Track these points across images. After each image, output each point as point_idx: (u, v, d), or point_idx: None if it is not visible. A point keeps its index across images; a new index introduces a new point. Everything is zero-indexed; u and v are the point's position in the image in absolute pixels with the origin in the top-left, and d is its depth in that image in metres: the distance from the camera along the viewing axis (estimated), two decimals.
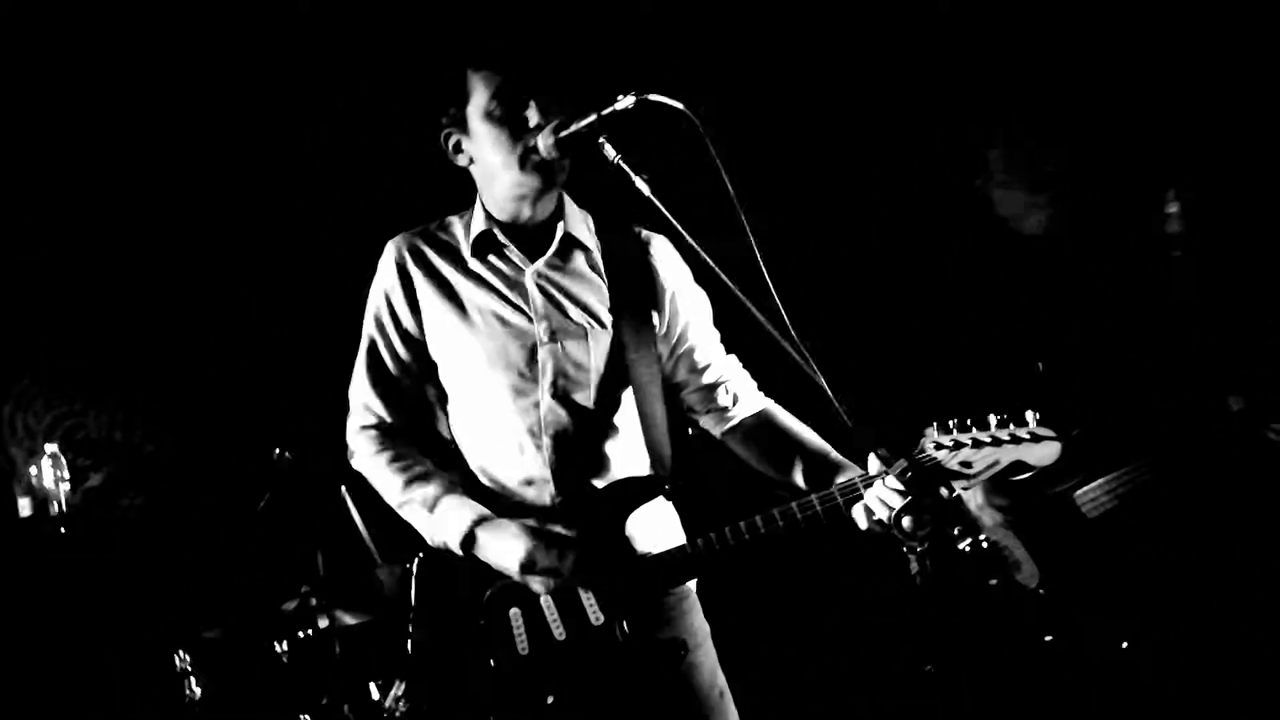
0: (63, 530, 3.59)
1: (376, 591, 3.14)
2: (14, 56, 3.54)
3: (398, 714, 2.92)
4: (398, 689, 2.99)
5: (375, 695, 2.99)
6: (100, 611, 3.45)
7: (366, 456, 1.93)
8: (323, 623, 2.97)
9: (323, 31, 3.55)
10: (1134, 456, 2.46)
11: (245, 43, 3.58)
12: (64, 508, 3.64)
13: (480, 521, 1.80)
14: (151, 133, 3.74)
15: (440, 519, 1.82)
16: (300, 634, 3.01)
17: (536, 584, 1.78)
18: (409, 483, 1.87)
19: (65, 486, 3.70)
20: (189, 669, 2.97)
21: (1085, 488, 2.37)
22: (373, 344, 1.96)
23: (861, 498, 1.69)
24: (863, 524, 1.70)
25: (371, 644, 3.05)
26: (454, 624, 1.81)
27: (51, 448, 3.72)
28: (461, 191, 2.04)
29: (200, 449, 3.93)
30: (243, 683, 3.15)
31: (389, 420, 1.94)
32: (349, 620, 3.03)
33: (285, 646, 3.03)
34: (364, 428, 1.95)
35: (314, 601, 3.02)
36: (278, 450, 3.38)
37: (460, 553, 1.81)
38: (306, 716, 2.96)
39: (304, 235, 3.84)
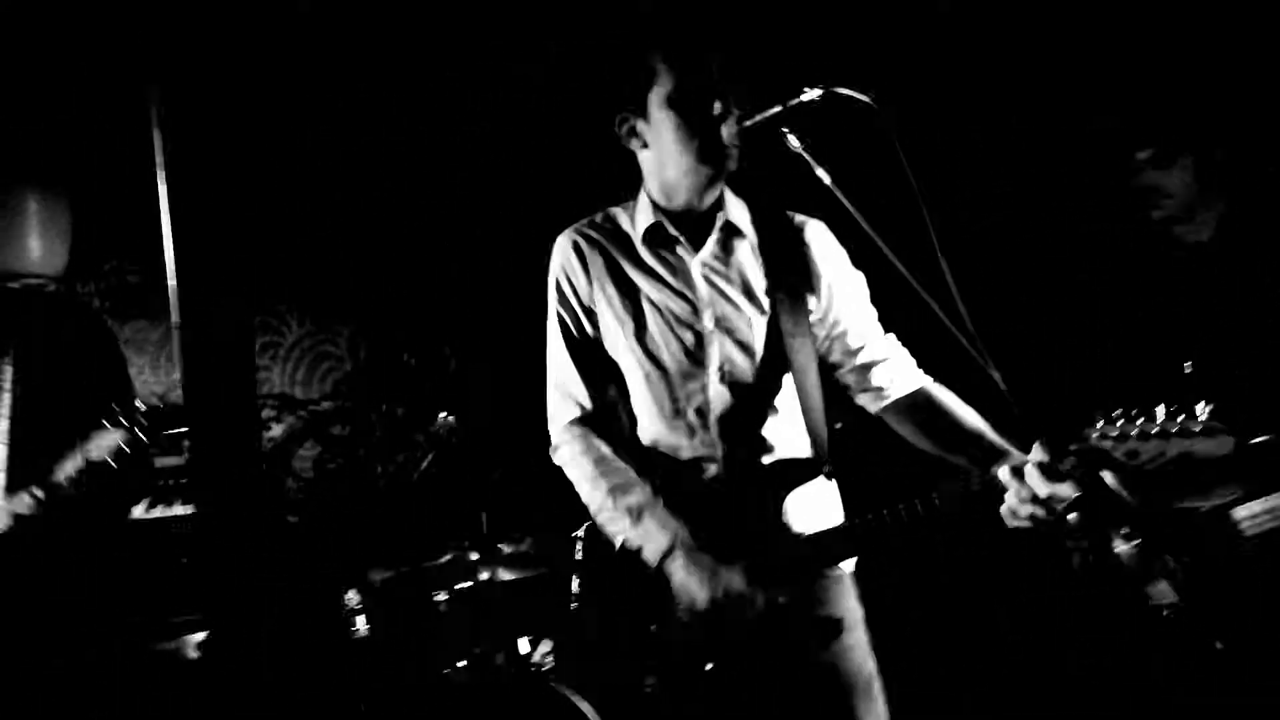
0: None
1: (528, 553, 3.31)
2: None
3: (545, 669, 3.09)
4: (546, 646, 3.16)
5: (525, 649, 3.16)
6: (280, 550, 3.74)
7: (571, 455, 2.01)
8: (482, 576, 3.15)
9: (497, 18, 3.70)
10: None
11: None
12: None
13: (680, 546, 1.86)
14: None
15: (642, 531, 1.89)
16: (458, 586, 3.20)
17: (706, 624, 1.82)
18: (613, 490, 1.93)
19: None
20: (359, 608, 3.20)
21: (1247, 504, 2.28)
22: (563, 324, 2.05)
23: (1012, 490, 1.68)
24: (1010, 523, 1.69)
25: (525, 600, 3.21)
26: (618, 590, 1.92)
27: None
28: (615, 184, 2.15)
29: (371, 410, 4.21)
30: (404, 627, 3.37)
31: (590, 407, 2.02)
32: (505, 576, 3.20)
33: (444, 596, 3.23)
34: (570, 423, 2.03)
35: (473, 557, 3.21)
36: (443, 415, 3.59)
37: (653, 567, 1.87)
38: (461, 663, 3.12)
39: (473, 213, 4.05)
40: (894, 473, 2.13)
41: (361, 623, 3.17)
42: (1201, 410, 1.53)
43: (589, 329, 2.03)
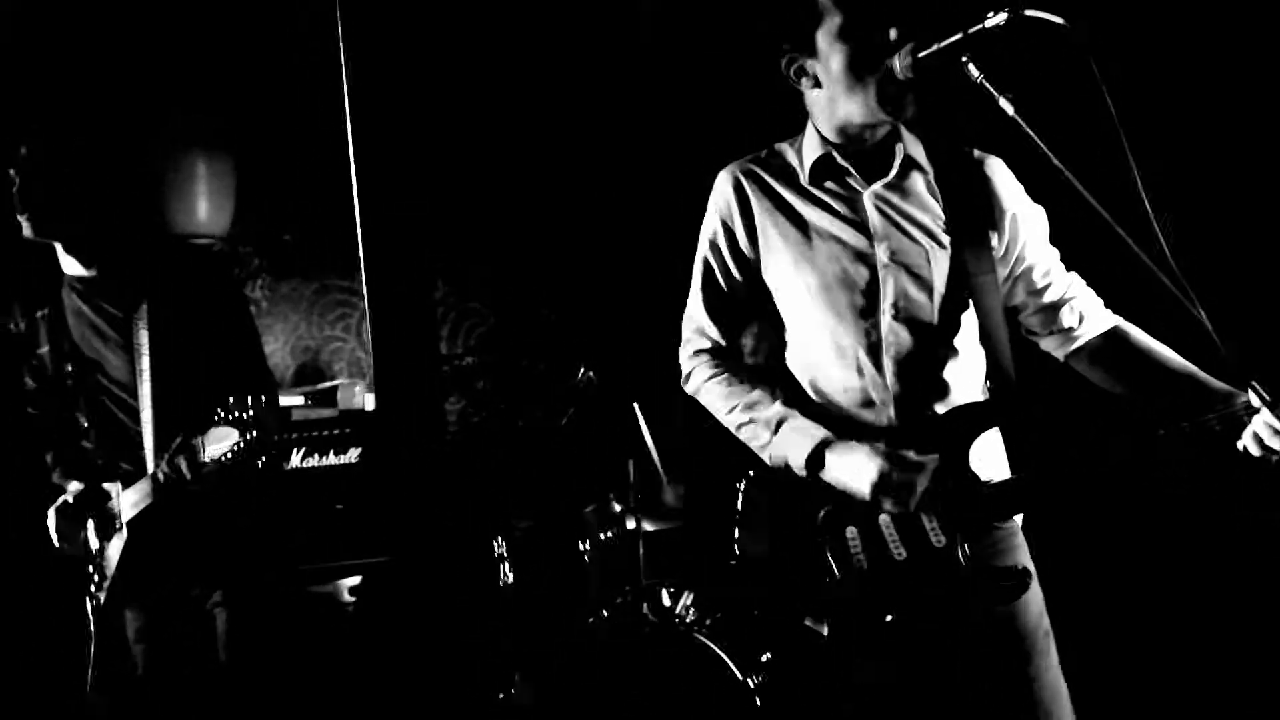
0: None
1: (663, 507, 3.32)
2: None
3: (688, 620, 3.10)
4: (687, 598, 3.16)
5: (666, 601, 3.18)
6: (430, 501, 3.86)
7: (702, 380, 2.02)
8: (630, 525, 3.18)
9: None
10: None
11: None
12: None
13: (828, 443, 1.84)
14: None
15: (784, 439, 1.87)
16: (603, 535, 3.24)
17: (888, 504, 1.80)
18: (750, 405, 1.94)
19: None
20: (505, 555, 3.28)
21: None
22: (708, 267, 2.03)
23: (1246, 425, 1.59)
24: (1256, 451, 1.60)
25: (671, 551, 3.23)
26: (786, 540, 1.87)
27: None
28: (781, 123, 2.09)
29: (514, 364, 4.30)
30: (551, 575, 3.44)
31: (723, 344, 2.03)
32: (650, 527, 3.22)
33: (588, 546, 3.27)
34: (698, 352, 2.04)
35: (617, 508, 3.25)
36: (583, 369, 3.61)
37: (804, 472, 1.85)
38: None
39: (619, 163, 4.05)
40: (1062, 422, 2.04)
41: (507, 570, 3.25)
42: None
43: (738, 278, 2.00)
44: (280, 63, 4.18)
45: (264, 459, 2.37)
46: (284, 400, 3.85)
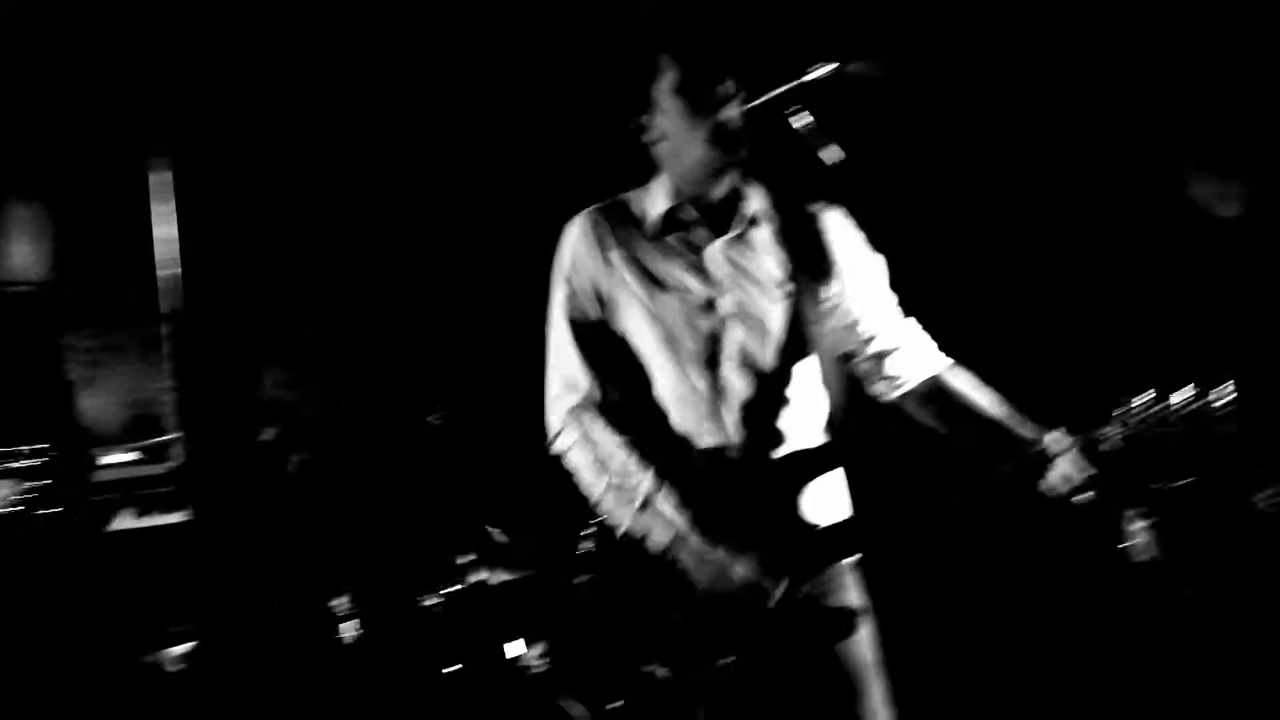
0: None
1: (514, 557, 3.27)
2: None
3: (539, 671, 3.03)
4: (540, 648, 3.10)
5: (520, 651, 3.11)
6: (269, 556, 3.67)
7: (572, 442, 1.98)
8: (478, 577, 3.10)
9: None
10: None
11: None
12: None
13: (686, 535, 1.84)
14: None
15: (649, 519, 1.86)
16: (454, 588, 3.15)
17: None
18: (616, 477, 1.91)
19: None
20: (349, 612, 3.14)
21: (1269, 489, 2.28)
22: (570, 314, 2.01)
23: (1052, 468, 1.70)
24: (1057, 491, 1.71)
25: (521, 602, 3.16)
26: (629, 581, 1.88)
27: None
28: (632, 174, 2.13)
29: (356, 412, 4.15)
30: (396, 631, 3.31)
31: (593, 393, 1.98)
32: (501, 577, 3.15)
33: (439, 599, 3.17)
34: (571, 409, 1.99)
35: (468, 558, 3.17)
36: (433, 414, 3.54)
37: (656, 554, 1.85)
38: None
39: (465, 210, 4.02)
40: (905, 463, 2.11)
41: (351, 627, 3.11)
42: (1220, 392, 1.54)
43: (594, 313, 1.99)
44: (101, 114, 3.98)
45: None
46: (111, 457, 3.61)
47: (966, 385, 1.97)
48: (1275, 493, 2.32)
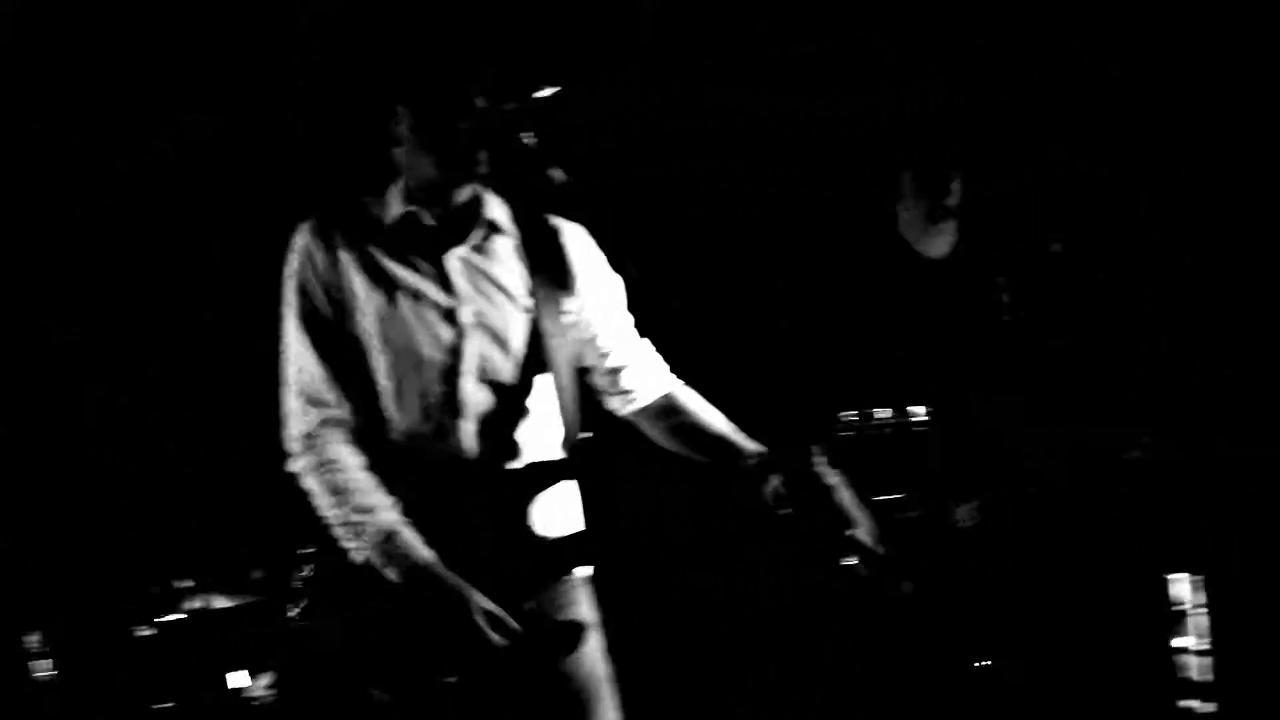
0: None
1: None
2: None
3: (266, 702, 2.87)
4: (267, 678, 2.93)
5: (239, 683, 2.92)
6: None
7: (311, 465, 1.85)
8: (193, 605, 2.89)
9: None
10: (1012, 478, 2.63)
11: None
12: None
13: (427, 567, 1.77)
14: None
15: (389, 551, 1.77)
16: (165, 618, 2.91)
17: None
18: (358, 508, 1.80)
19: None
20: (42, 649, 2.84)
21: (963, 505, 2.52)
22: (305, 324, 1.89)
23: (767, 482, 1.81)
24: (770, 500, 1.81)
25: (242, 630, 2.97)
26: (353, 606, 1.81)
27: None
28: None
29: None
30: (101, 667, 3.02)
31: (334, 408, 1.87)
32: (220, 604, 2.95)
33: (148, 630, 2.93)
34: (309, 430, 1.86)
35: (184, 584, 2.94)
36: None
37: (397, 586, 1.77)
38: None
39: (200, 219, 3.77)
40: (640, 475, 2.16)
41: (47, 666, 2.81)
42: (919, 412, 1.69)
43: (331, 320, 1.89)
44: None
45: None
46: None
47: (695, 404, 2.05)
48: (973, 509, 2.57)
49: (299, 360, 1.90)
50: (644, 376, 2.08)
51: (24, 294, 3.73)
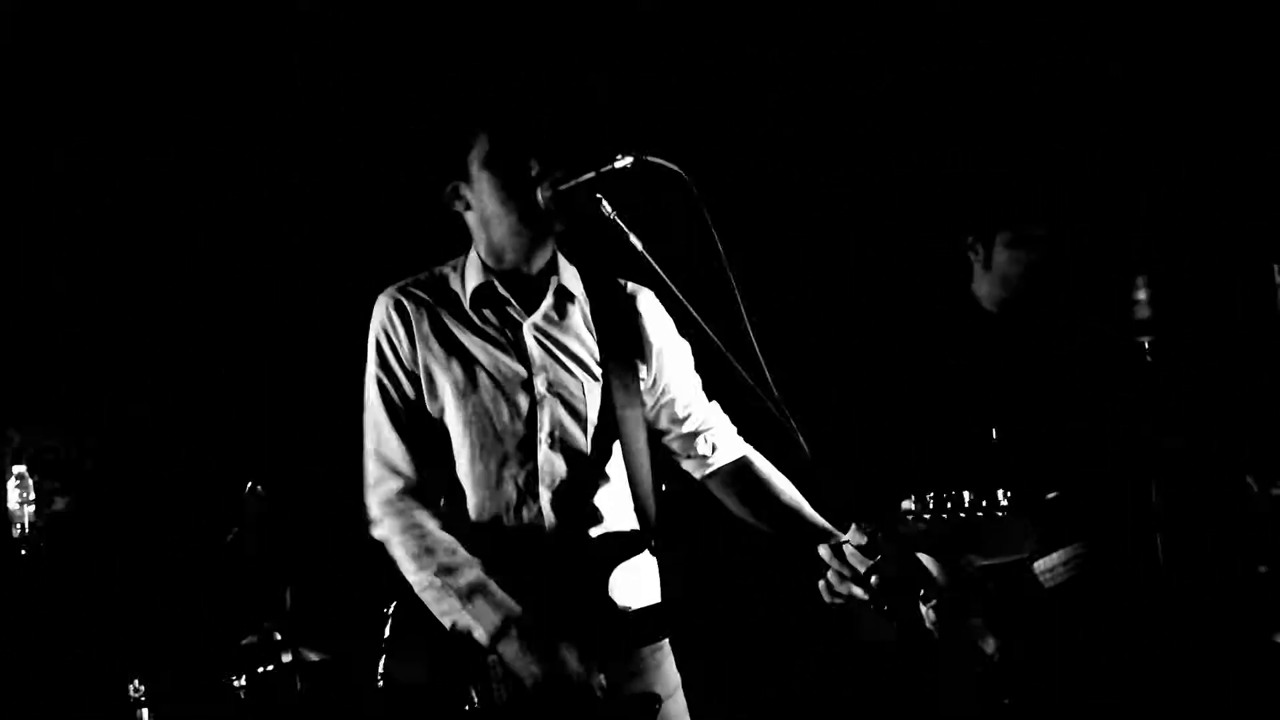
0: (24, 552, 3.55)
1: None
2: None
3: None
4: None
5: None
6: (57, 636, 3.39)
7: (394, 530, 1.90)
8: (285, 658, 2.95)
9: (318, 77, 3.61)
10: (1093, 532, 2.53)
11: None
12: (27, 530, 3.60)
13: (513, 626, 1.79)
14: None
15: (475, 611, 1.80)
16: (260, 669, 2.98)
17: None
18: (441, 569, 1.84)
19: (30, 509, 3.66)
20: (143, 699, 2.92)
21: (1043, 559, 2.43)
22: (383, 395, 1.95)
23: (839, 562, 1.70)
24: (825, 598, 1.71)
25: (334, 681, 3.03)
26: (431, 664, 1.82)
27: (19, 469, 3.68)
28: (445, 245, 2.11)
29: (170, 480, 3.90)
30: (199, 716, 3.10)
31: (412, 477, 1.91)
32: (312, 656, 3.01)
33: (244, 681, 2.99)
34: (390, 497, 1.91)
35: (276, 636, 3.00)
36: (250, 484, 3.38)
37: (486, 643, 1.79)
38: None
39: (289, 271, 3.88)
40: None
41: (145, 715, 2.89)
42: (1002, 496, 1.63)
43: (410, 393, 1.94)
44: None
45: None
46: None
47: (769, 471, 2.04)
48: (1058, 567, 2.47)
49: (378, 429, 1.95)
50: (717, 442, 2.07)
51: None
